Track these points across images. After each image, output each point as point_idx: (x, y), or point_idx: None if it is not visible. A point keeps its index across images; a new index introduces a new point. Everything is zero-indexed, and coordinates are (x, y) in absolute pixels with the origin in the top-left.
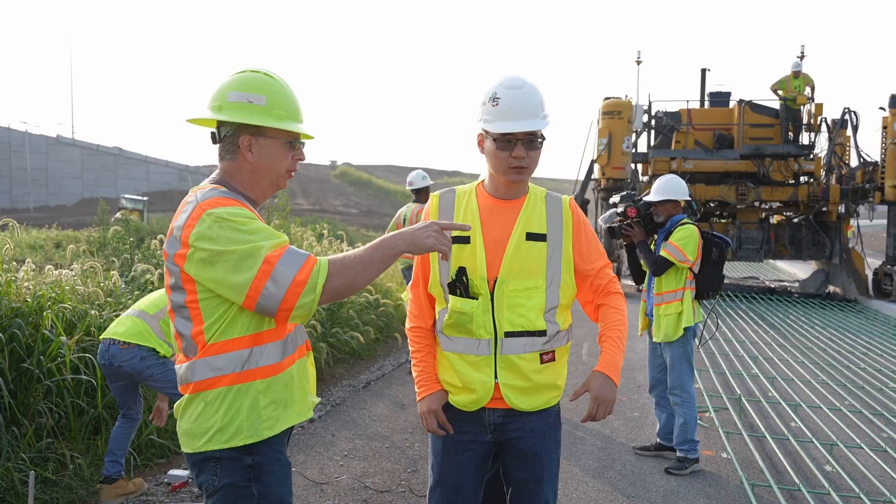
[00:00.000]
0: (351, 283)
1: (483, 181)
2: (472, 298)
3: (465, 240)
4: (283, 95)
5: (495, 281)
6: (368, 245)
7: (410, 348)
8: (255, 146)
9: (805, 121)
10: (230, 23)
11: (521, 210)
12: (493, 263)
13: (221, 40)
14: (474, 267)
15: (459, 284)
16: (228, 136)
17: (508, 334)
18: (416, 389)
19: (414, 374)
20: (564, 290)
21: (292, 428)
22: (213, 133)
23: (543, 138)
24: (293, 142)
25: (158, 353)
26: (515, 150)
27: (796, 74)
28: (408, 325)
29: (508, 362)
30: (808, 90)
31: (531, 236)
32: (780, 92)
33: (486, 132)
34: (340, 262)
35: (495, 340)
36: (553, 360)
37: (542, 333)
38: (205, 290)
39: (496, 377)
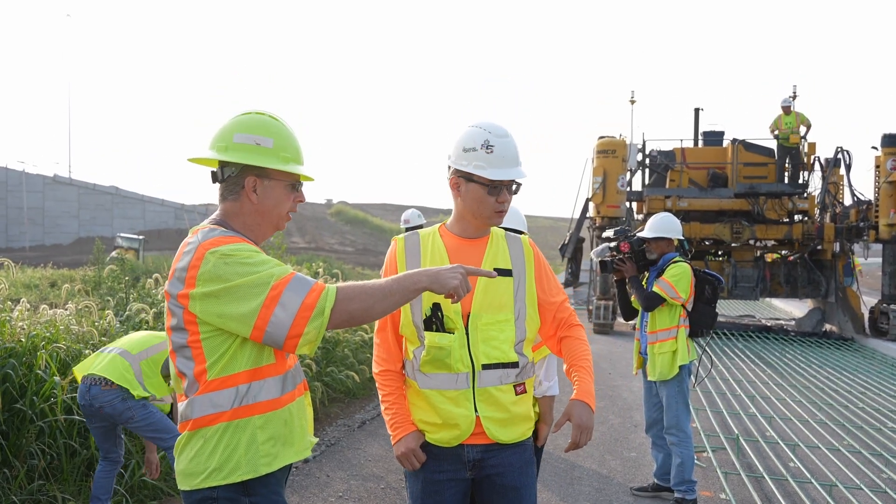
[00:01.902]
0: (368, 308)
1: (445, 223)
2: (449, 333)
3: None
4: (288, 138)
5: (468, 316)
6: (391, 277)
7: (381, 392)
8: (260, 188)
9: (802, 159)
10: (226, 62)
11: (486, 247)
12: (465, 298)
13: (218, 80)
14: (448, 302)
15: (435, 320)
16: (233, 176)
17: (485, 366)
18: (391, 433)
19: (387, 418)
20: (530, 323)
21: (290, 468)
22: (213, 172)
23: (520, 184)
24: (296, 184)
25: (135, 395)
26: (501, 195)
27: (786, 111)
28: (376, 369)
29: (487, 394)
30: (802, 129)
31: (498, 272)
32: (776, 132)
33: (470, 177)
34: (358, 287)
35: (473, 373)
36: (525, 391)
37: (514, 365)
38: (208, 330)
39: (476, 410)
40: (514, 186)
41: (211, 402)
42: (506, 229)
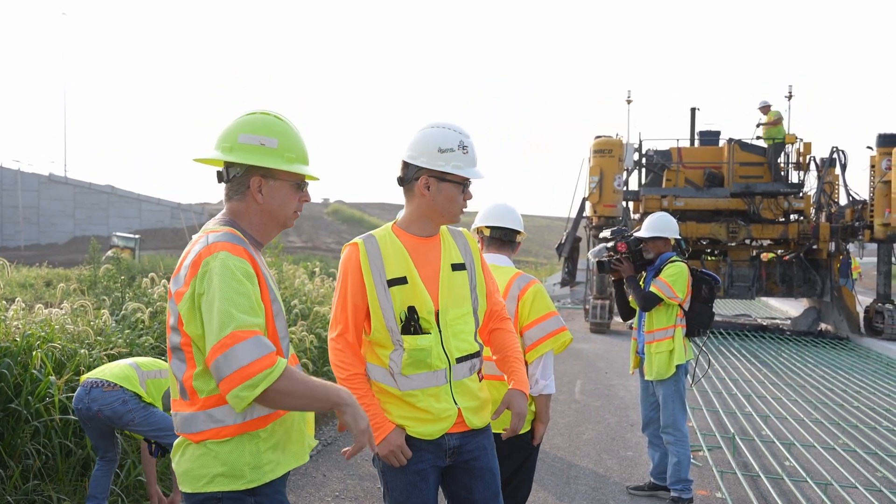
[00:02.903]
0: (291, 405)
1: (397, 222)
2: (426, 334)
3: (403, 280)
4: (293, 138)
5: (437, 313)
6: (329, 385)
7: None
8: (266, 188)
9: (793, 159)
10: (226, 62)
11: (440, 245)
12: (434, 296)
13: (218, 80)
14: (422, 304)
15: (413, 322)
16: (238, 176)
17: (458, 360)
18: (372, 434)
19: None
20: (481, 312)
21: (289, 470)
22: (219, 172)
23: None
24: (301, 184)
25: (142, 398)
26: (467, 193)
27: (764, 111)
28: (342, 374)
29: (462, 386)
30: (765, 119)
31: (455, 267)
32: (757, 135)
33: (443, 176)
34: (300, 383)
35: (449, 368)
36: (483, 377)
37: (477, 354)
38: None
39: (456, 402)
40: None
41: (211, 418)
42: (503, 228)
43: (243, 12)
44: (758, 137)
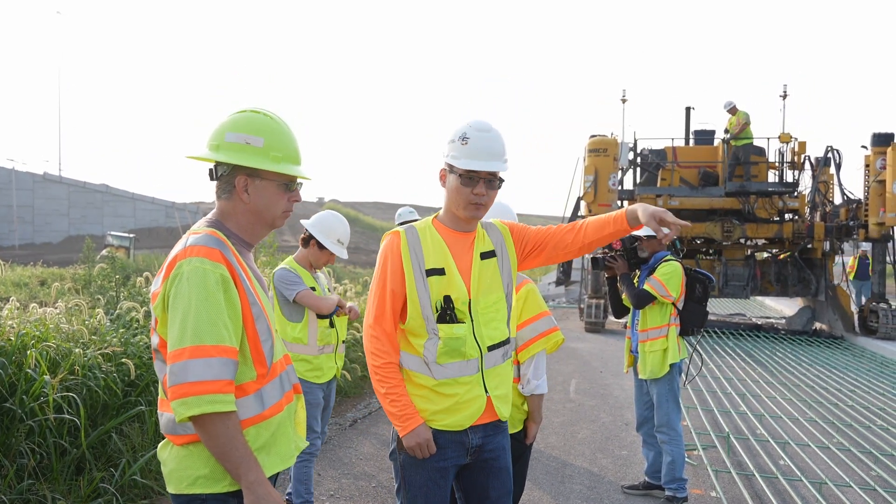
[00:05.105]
0: (208, 443)
1: (437, 216)
2: (461, 323)
3: (441, 271)
4: (282, 137)
5: (469, 302)
6: (251, 456)
7: (385, 385)
8: (251, 187)
9: (787, 158)
10: (226, 62)
11: (474, 238)
12: (466, 287)
13: (218, 80)
14: (458, 293)
15: (448, 311)
16: (225, 175)
17: (490, 348)
18: (400, 424)
19: (393, 410)
20: (515, 297)
21: (277, 474)
22: (210, 170)
23: (502, 181)
24: (290, 184)
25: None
26: (477, 187)
27: (732, 111)
28: (377, 362)
29: (494, 374)
30: (738, 123)
31: (484, 255)
32: (726, 135)
33: (451, 168)
34: (230, 433)
35: (481, 357)
36: (516, 362)
37: (509, 341)
38: None
39: (487, 391)
40: (497, 182)
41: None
42: None
43: (243, 12)
44: (726, 133)
